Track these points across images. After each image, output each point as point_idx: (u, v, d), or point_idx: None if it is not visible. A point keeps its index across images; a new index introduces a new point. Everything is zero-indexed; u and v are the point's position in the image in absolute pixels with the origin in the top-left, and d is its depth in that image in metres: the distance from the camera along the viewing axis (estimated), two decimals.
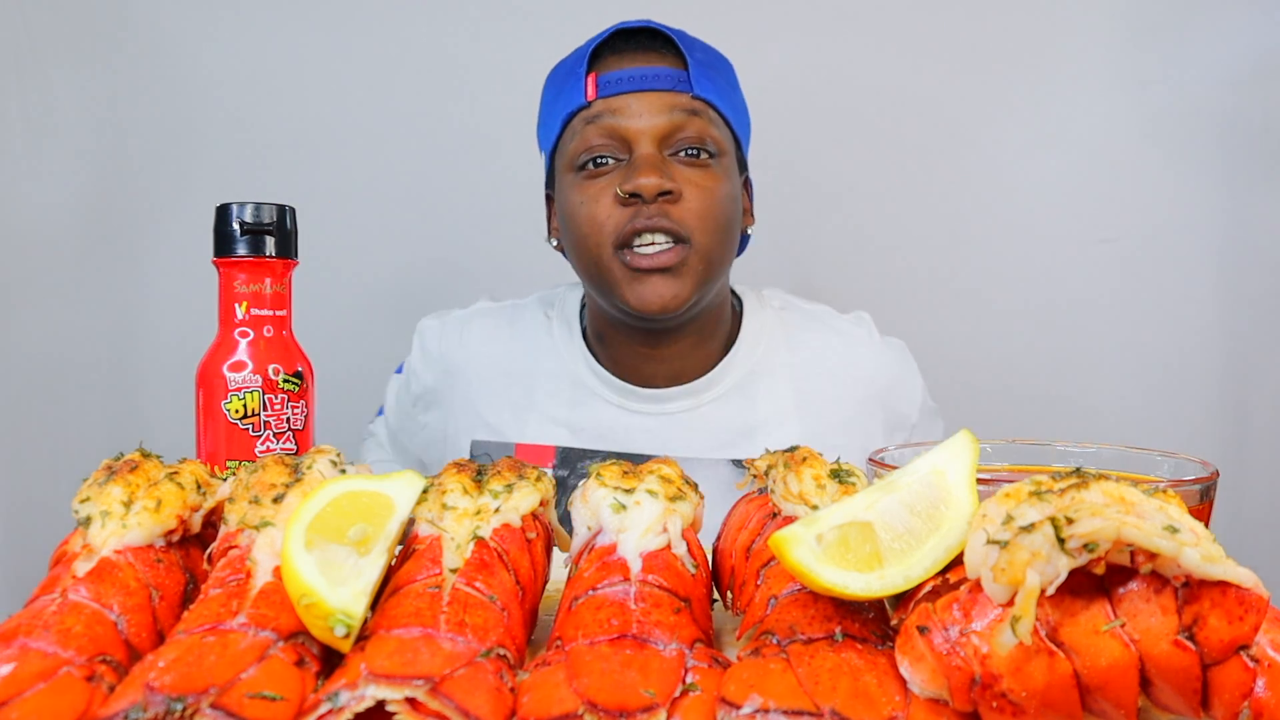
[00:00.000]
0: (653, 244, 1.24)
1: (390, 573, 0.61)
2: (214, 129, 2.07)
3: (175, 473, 0.67)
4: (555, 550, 0.71)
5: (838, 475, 0.69)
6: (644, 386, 1.39)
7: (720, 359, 1.40)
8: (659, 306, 1.26)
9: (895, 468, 0.66)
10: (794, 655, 0.52)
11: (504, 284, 1.99)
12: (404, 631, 0.54)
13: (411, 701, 0.48)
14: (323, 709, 0.48)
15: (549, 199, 1.41)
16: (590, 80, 1.29)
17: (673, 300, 1.26)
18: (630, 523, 0.64)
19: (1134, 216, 2.09)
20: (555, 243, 1.40)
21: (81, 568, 0.59)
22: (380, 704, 0.48)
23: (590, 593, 0.60)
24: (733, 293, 1.48)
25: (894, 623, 0.55)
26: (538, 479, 0.70)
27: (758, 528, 0.69)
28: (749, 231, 1.41)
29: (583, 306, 1.46)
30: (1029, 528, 0.48)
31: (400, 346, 1.54)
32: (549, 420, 1.39)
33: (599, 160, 1.27)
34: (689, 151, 1.27)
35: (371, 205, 2.08)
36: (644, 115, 1.26)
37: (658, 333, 1.34)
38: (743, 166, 1.38)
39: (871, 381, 1.41)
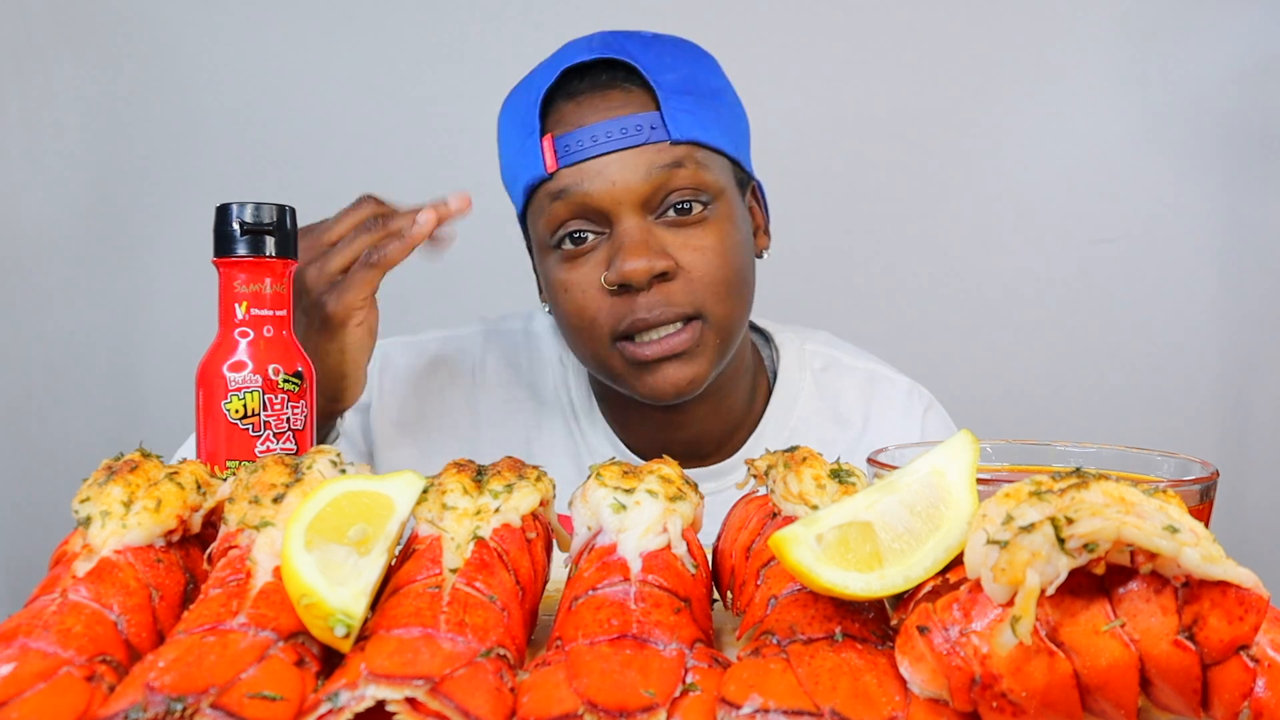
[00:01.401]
0: (657, 331, 1.08)
1: (390, 573, 0.61)
2: (214, 129, 2.08)
3: (175, 473, 0.67)
4: (555, 550, 0.71)
5: (838, 475, 0.69)
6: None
7: (744, 410, 1.25)
8: (674, 394, 1.10)
9: (895, 468, 0.66)
10: (794, 655, 0.52)
11: (504, 285, 1.99)
12: (404, 631, 0.53)
13: (411, 701, 0.48)
14: (323, 709, 0.48)
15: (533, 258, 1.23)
16: (546, 145, 1.08)
17: (689, 386, 1.10)
18: (630, 523, 0.64)
19: (1134, 216, 2.09)
20: (548, 308, 1.21)
21: (81, 568, 0.59)
22: (380, 704, 0.48)
23: (590, 593, 0.60)
24: (765, 336, 1.32)
25: (894, 623, 0.55)
26: (538, 479, 0.70)
27: (758, 528, 0.69)
28: (764, 254, 1.22)
29: None
30: (1029, 528, 0.48)
31: None
32: (561, 497, 1.26)
33: (577, 237, 1.09)
34: (679, 208, 1.08)
35: None
36: (617, 181, 1.05)
37: (672, 405, 1.17)
38: (745, 182, 1.19)
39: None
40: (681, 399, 1.12)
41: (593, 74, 1.11)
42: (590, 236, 1.09)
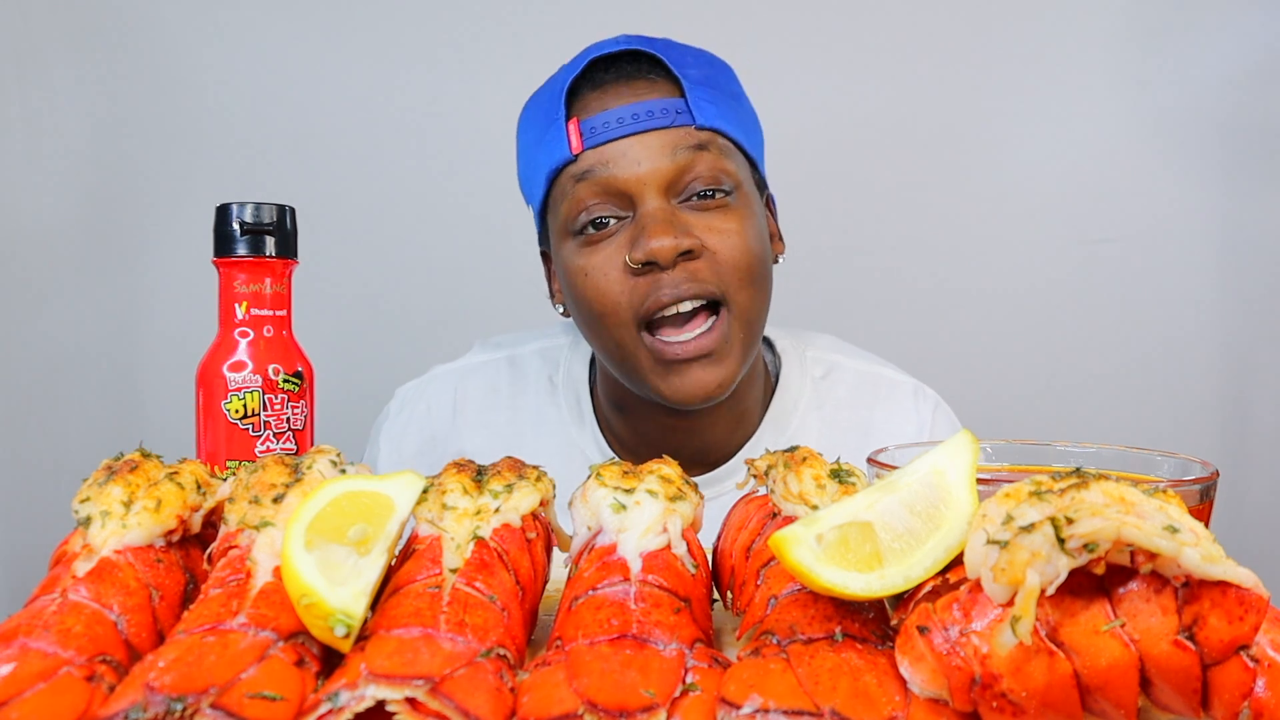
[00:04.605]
0: (679, 315, 1.07)
1: (390, 573, 0.61)
2: (214, 129, 2.08)
3: (175, 473, 0.67)
4: (555, 550, 0.71)
5: (838, 475, 0.69)
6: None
7: (756, 418, 1.24)
8: (702, 397, 1.08)
9: (895, 468, 0.66)
10: (794, 655, 0.52)
11: (505, 286, 1.99)
12: (404, 631, 0.53)
13: (411, 701, 0.48)
14: (323, 709, 0.48)
15: (545, 256, 1.22)
16: (572, 128, 1.08)
17: (718, 389, 1.08)
18: (630, 523, 0.64)
19: (1134, 216, 2.09)
20: (561, 309, 1.20)
21: (81, 568, 0.59)
22: (380, 704, 0.48)
23: (590, 593, 0.60)
24: (768, 341, 1.31)
25: (894, 623, 0.55)
26: (538, 479, 0.70)
27: (758, 528, 0.69)
28: (780, 259, 1.20)
29: (592, 364, 1.29)
30: (1029, 528, 0.48)
31: (399, 347, 1.54)
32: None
33: (599, 222, 1.08)
34: (702, 194, 1.08)
35: (371, 206, 2.08)
36: (643, 162, 1.06)
37: (692, 411, 1.15)
38: (762, 186, 1.18)
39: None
40: (709, 402, 1.09)
41: (618, 65, 1.12)
42: (612, 221, 1.08)
